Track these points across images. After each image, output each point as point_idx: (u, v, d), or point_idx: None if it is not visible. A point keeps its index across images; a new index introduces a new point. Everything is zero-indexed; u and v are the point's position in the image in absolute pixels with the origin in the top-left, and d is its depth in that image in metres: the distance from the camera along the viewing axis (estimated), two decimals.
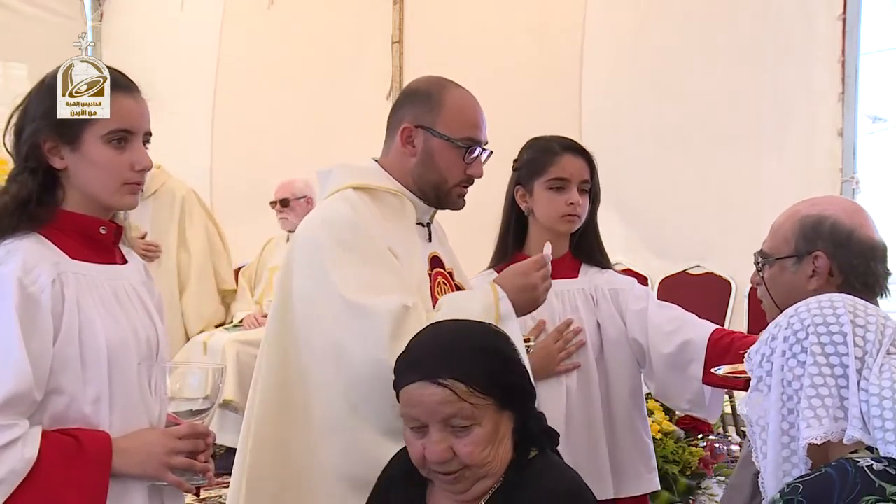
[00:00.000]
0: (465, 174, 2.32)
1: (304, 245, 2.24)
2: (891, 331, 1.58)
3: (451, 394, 1.68)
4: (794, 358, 1.58)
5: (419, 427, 1.71)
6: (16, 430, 1.70)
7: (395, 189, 2.31)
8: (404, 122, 2.31)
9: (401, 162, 2.33)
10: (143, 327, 1.92)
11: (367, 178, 2.32)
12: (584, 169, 2.64)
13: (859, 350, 1.55)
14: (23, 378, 1.71)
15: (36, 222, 1.83)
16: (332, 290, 2.13)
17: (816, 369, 1.55)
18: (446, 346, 1.75)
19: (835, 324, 1.57)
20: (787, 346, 1.59)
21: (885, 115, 5.14)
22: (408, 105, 2.34)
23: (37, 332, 1.74)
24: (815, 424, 1.52)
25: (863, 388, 1.52)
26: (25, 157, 1.84)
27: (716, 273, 5.14)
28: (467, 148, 2.29)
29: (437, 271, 2.37)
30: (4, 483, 1.69)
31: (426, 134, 2.29)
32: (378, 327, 2.07)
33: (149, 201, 5.82)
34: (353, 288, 2.12)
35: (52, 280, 1.77)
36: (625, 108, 5.45)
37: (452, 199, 2.35)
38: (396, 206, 2.30)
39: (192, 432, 1.87)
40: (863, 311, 1.59)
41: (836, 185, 4.78)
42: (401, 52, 6.30)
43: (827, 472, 1.49)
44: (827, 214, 2.09)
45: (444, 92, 2.32)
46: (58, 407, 1.78)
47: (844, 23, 4.74)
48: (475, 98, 2.36)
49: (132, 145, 1.87)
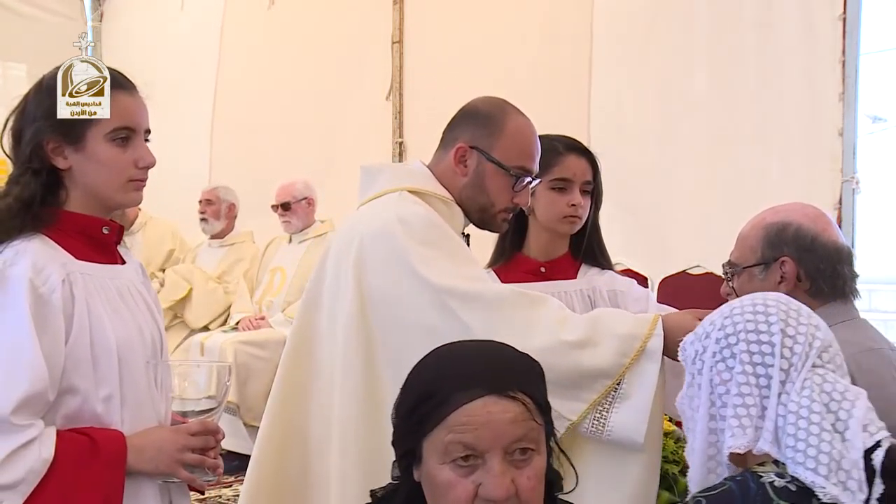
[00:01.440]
0: (512, 202, 2.31)
1: (380, 244, 2.17)
2: (819, 342, 1.58)
3: (524, 410, 1.42)
4: (723, 362, 1.59)
5: (469, 459, 1.41)
6: (32, 430, 1.72)
7: (446, 196, 2.30)
8: (459, 141, 2.30)
9: (451, 178, 2.32)
10: (147, 326, 1.94)
11: (420, 182, 2.31)
12: (587, 170, 2.63)
13: (785, 362, 1.55)
14: (38, 378, 1.72)
15: (40, 223, 1.84)
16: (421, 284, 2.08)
17: (744, 378, 1.56)
18: (507, 357, 1.51)
19: (765, 332, 1.57)
20: (718, 349, 1.60)
21: (886, 116, 5.14)
22: (465, 125, 2.33)
23: (49, 333, 1.75)
24: (739, 434, 1.53)
25: (782, 403, 1.53)
26: (28, 159, 1.85)
27: (716, 273, 5.12)
28: (518, 178, 2.28)
29: None
30: (24, 483, 1.70)
31: (480, 157, 2.28)
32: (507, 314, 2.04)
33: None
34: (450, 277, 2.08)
35: (61, 280, 1.79)
36: (631, 109, 5.44)
37: (497, 223, 2.35)
38: (446, 213, 2.29)
39: (204, 429, 1.89)
40: (795, 320, 1.59)
41: (836, 185, 4.77)
42: (401, 53, 6.29)
43: (730, 486, 1.51)
44: (790, 220, 2.13)
45: (506, 118, 2.31)
46: (70, 406, 1.79)
47: (845, 23, 4.73)
48: (534, 127, 2.35)
49: (135, 143, 1.89)
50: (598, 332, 2.06)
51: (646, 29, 5.41)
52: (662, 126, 5.35)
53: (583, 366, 2.04)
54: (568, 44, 5.66)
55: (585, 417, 2.05)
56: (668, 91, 5.33)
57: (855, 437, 1.50)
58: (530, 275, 2.64)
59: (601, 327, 2.07)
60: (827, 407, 1.51)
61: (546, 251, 2.67)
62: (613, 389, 2.05)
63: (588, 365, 2.04)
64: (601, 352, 2.05)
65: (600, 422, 2.05)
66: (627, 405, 2.05)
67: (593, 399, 2.04)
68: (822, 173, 4.81)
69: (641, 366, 2.04)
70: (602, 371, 2.04)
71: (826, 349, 1.58)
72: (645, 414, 2.05)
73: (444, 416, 1.41)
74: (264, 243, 6.29)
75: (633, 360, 2.04)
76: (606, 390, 2.04)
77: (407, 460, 1.47)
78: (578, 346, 2.04)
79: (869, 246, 5.94)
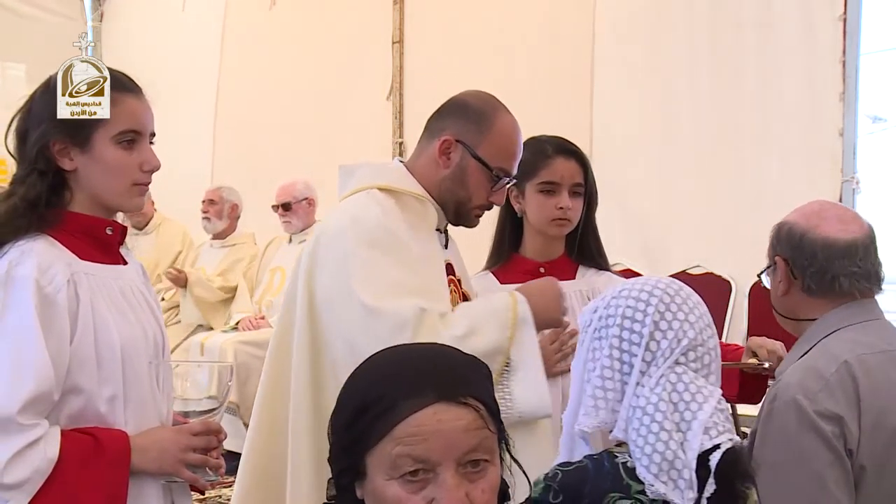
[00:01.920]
0: (488, 200, 2.32)
1: (332, 242, 2.22)
2: (687, 341, 1.60)
3: (477, 417, 1.30)
4: (598, 340, 1.64)
5: (419, 473, 1.27)
6: (38, 429, 1.72)
7: (420, 194, 2.31)
8: (446, 134, 2.30)
9: (431, 170, 2.32)
10: (149, 326, 1.95)
11: (392, 179, 2.32)
12: (577, 172, 2.61)
13: (649, 354, 1.59)
14: (45, 378, 1.73)
15: (45, 224, 1.84)
16: (352, 292, 2.12)
17: (609, 361, 1.61)
18: (454, 360, 1.38)
19: (639, 321, 1.60)
20: (597, 327, 1.65)
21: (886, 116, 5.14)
22: (454, 117, 2.32)
23: (54, 333, 1.76)
24: (592, 413, 1.59)
25: (636, 394, 1.57)
26: (34, 159, 1.85)
27: (716, 273, 5.14)
28: (498, 178, 2.29)
29: (450, 278, 2.37)
30: (29, 483, 1.71)
31: (465, 152, 2.28)
32: (392, 330, 2.06)
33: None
34: (373, 290, 2.11)
35: (66, 280, 1.79)
36: (632, 109, 5.44)
37: (470, 218, 2.35)
38: (419, 211, 2.30)
39: (206, 429, 1.89)
40: (672, 314, 1.61)
41: (836, 186, 4.78)
42: (401, 53, 6.30)
43: (586, 464, 1.57)
44: (786, 220, 2.15)
45: (496, 116, 2.31)
46: (74, 406, 1.80)
47: (845, 23, 4.73)
48: (519, 127, 2.35)
49: (140, 146, 1.90)
50: (476, 319, 2.13)
51: (647, 29, 5.41)
52: (663, 126, 5.35)
53: (478, 352, 2.07)
54: (569, 44, 5.66)
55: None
56: (669, 91, 5.33)
57: (694, 438, 1.55)
58: (529, 275, 2.63)
59: (475, 313, 2.15)
60: (675, 406, 1.56)
61: (543, 252, 2.67)
62: (506, 364, 2.11)
63: (483, 348, 2.08)
64: (487, 334, 2.12)
65: (506, 401, 2.09)
66: (521, 376, 2.12)
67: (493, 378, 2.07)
68: (822, 173, 4.81)
69: (520, 335, 2.13)
70: (495, 349, 2.11)
71: (694, 348, 1.61)
72: (542, 379, 2.12)
73: (390, 427, 1.27)
74: (264, 243, 6.30)
75: (512, 331, 2.12)
76: (501, 366, 2.10)
77: (347, 477, 1.33)
78: (468, 336, 2.09)
79: None
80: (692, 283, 5.18)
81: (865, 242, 2.06)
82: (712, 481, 1.53)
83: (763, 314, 5.20)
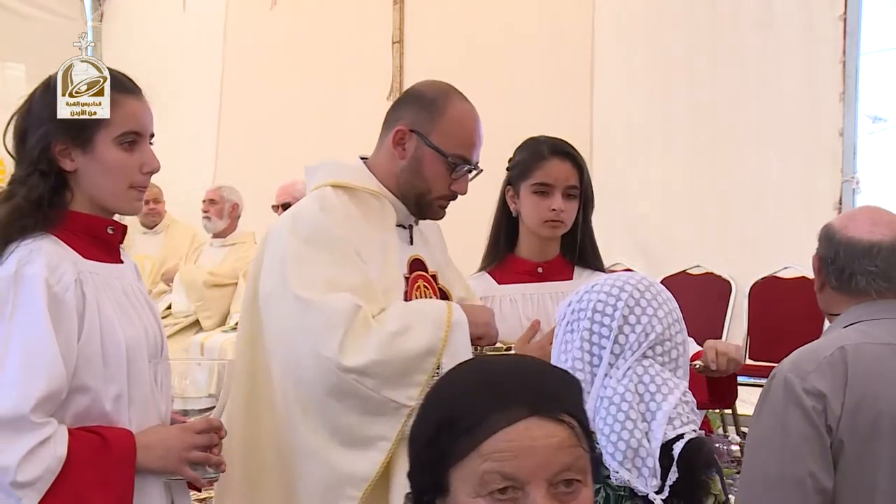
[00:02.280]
0: (450, 189, 2.28)
1: (273, 241, 2.24)
2: (654, 335, 1.65)
3: (571, 435, 1.21)
4: (570, 333, 1.69)
5: (508, 491, 1.19)
6: (48, 428, 1.73)
7: (376, 190, 2.29)
8: (400, 123, 2.28)
9: (389, 162, 2.30)
10: (150, 325, 1.95)
11: (348, 176, 2.31)
12: (571, 174, 2.58)
13: (618, 347, 1.65)
14: (56, 377, 1.73)
15: (48, 223, 1.85)
16: (286, 287, 2.14)
17: (580, 353, 1.66)
18: (547, 373, 1.30)
19: (609, 315, 1.66)
20: (569, 320, 1.70)
21: (886, 116, 5.15)
22: (408, 107, 2.31)
23: (63, 331, 1.76)
24: None
25: (604, 385, 1.63)
26: (36, 160, 1.85)
27: (716, 273, 5.14)
28: (456, 165, 2.25)
29: (418, 275, 2.34)
30: (41, 481, 1.71)
31: (419, 141, 2.26)
32: (324, 324, 2.08)
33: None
34: (305, 285, 2.12)
35: (74, 280, 1.79)
36: (632, 110, 5.45)
37: (433, 209, 2.32)
38: (376, 207, 2.28)
39: (209, 427, 1.90)
40: (641, 308, 1.66)
41: (837, 185, 4.78)
42: (401, 53, 6.30)
43: None
44: (830, 220, 2.23)
45: (448, 102, 2.27)
46: (80, 405, 1.80)
47: (845, 23, 4.74)
48: (477, 114, 2.31)
49: (141, 147, 1.90)
50: (410, 317, 2.12)
51: (647, 29, 5.42)
52: (663, 126, 5.35)
53: (410, 351, 2.10)
54: (570, 44, 5.67)
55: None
56: (669, 91, 5.33)
57: (658, 427, 1.60)
58: (527, 275, 2.64)
59: (408, 313, 2.13)
60: (641, 397, 1.62)
61: (538, 252, 2.65)
62: (437, 367, 2.11)
63: (414, 348, 2.09)
64: (420, 331, 2.11)
65: None
66: None
67: (425, 380, 2.09)
68: (822, 173, 4.82)
69: (454, 338, 2.12)
70: (427, 349, 2.11)
71: (661, 342, 1.66)
72: None
73: (479, 442, 1.19)
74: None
75: (447, 332, 2.12)
76: (433, 367, 2.10)
77: (429, 494, 1.27)
78: (401, 333, 2.10)
79: None
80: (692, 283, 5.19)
81: (891, 246, 2.11)
82: (675, 469, 1.58)
83: (763, 314, 5.22)
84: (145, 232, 6.67)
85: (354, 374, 2.07)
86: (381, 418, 2.09)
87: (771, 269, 4.96)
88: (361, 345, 2.07)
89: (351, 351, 2.07)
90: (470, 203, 2.77)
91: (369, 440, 2.10)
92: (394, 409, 2.08)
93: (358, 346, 2.07)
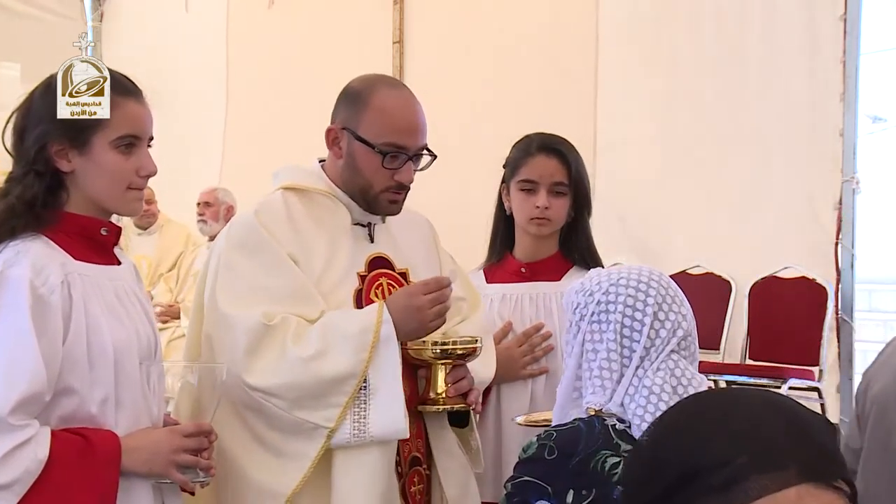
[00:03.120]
0: (393, 180, 2.21)
1: (214, 248, 2.26)
2: (681, 332, 1.74)
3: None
4: (598, 324, 1.75)
5: None
6: (28, 430, 1.72)
7: (327, 190, 2.27)
8: (332, 123, 2.27)
9: (333, 164, 2.29)
10: (143, 327, 1.94)
11: (300, 178, 2.30)
12: (558, 170, 2.55)
13: (649, 342, 1.72)
14: (37, 379, 1.72)
15: (41, 223, 1.84)
16: (213, 296, 2.14)
17: (614, 346, 1.73)
18: (817, 427, 1.03)
19: (640, 310, 1.73)
20: (596, 311, 1.76)
21: (886, 116, 5.15)
22: (340, 105, 2.28)
23: (47, 333, 1.75)
24: (599, 393, 1.72)
25: (637, 376, 1.71)
26: (32, 160, 1.85)
27: (716, 273, 5.14)
28: (387, 154, 2.19)
29: (380, 272, 2.29)
30: (19, 483, 1.70)
31: (350, 137, 2.22)
32: (235, 341, 2.08)
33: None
34: (227, 297, 2.12)
35: (60, 281, 1.78)
36: (635, 110, 5.43)
37: (382, 204, 2.25)
38: (329, 207, 2.26)
39: (198, 430, 1.89)
40: (668, 305, 1.75)
41: (837, 185, 4.78)
42: (401, 53, 6.30)
43: (578, 424, 1.69)
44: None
45: (372, 93, 2.23)
46: (66, 408, 1.79)
47: (845, 23, 4.73)
48: (409, 101, 2.26)
49: (139, 150, 1.89)
50: (328, 341, 2.07)
51: (650, 29, 5.41)
52: (665, 126, 5.35)
53: (324, 375, 2.07)
54: (573, 44, 5.66)
55: (344, 422, 2.06)
56: (673, 91, 5.33)
57: None
58: (513, 275, 2.63)
59: (330, 334, 2.08)
60: (674, 389, 1.70)
61: (530, 252, 2.63)
62: (363, 387, 2.07)
63: (329, 372, 2.06)
64: (337, 357, 2.07)
65: (361, 423, 2.07)
66: (380, 399, 2.08)
67: (345, 402, 2.06)
68: (822, 173, 4.81)
69: (381, 356, 2.08)
70: (346, 373, 2.07)
71: (686, 338, 1.75)
72: (399, 402, 2.08)
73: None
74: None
75: (371, 354, 2.07)
76: (355, 390, 2.06)
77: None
78: (315, 358, 2.06)
79: (869, 246, 5.94)
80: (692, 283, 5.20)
81: None
82: None
83: (763, 314, 5.22)
84: (140, 233, 6.71)
85: (260, 392, 2.06)
86: (297, 437, 2.09)
87: (771, 269, 4.95)
88: (269, 366, 2.06)
89: (257, 370, 2.06)
90: (470, 203, 2.77)
91: (289, 455, 2.09)
92: (310, 428, 2.07)
93: (264, 367, 2.06)
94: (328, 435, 2.06)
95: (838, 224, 4.74)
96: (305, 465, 2.07)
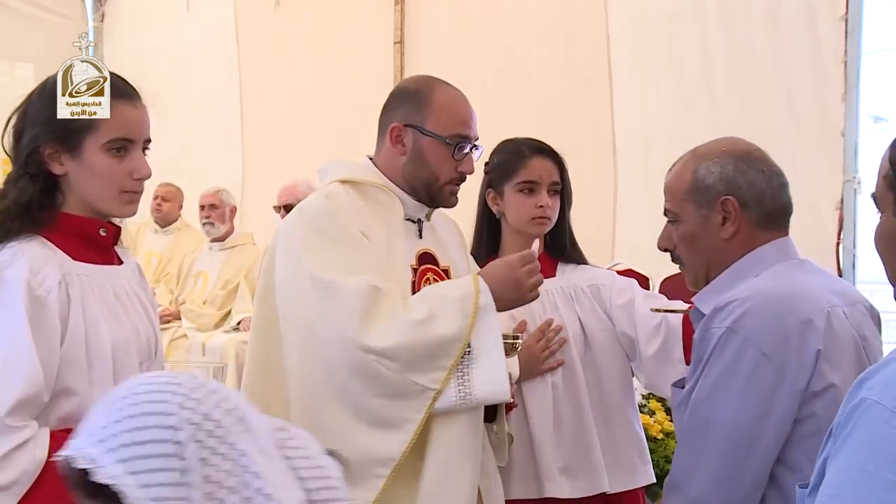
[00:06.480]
0: (457, 171, 2.34)
1: (283, 235, 2.28)
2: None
3: None
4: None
5: None
6: (26, 431, 1.72)
7: (382, 184, 2.34)
8: (393, 122, 2.34)
9: (392, 161, 2.35)
10: (143, 327, 1.94)
11: (354, 172, 2.36)
12: (554, 171, 2.66)
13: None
14: (34, 381, 1.72)
15: (38, 225, 1.84)
16: (303, 272, 2.16)
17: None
18: None
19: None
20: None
21: (887, 116, 5.14)
22: (396, 105, 2.37)
23: (45, 335, 1.75)
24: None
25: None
26: (25, 163, 1.85)
27: None
28: (456, 145, 2.31)
29: (427, 267, 2.38)
30: (17, 484, 1.71)
31: (415, 133, 2.32)
32: (346, 305, 2.10)
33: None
34: (323, 268, 2.15)
35: (58, 282, 1.78)
36: (653, 112, 5.41)
37: (444, 196, 2.36)
38: (383, 201, 2.33)
39: None
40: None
41: (838, 186, 4.76)
42: (402, 53, 6.29)
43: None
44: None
45: (433, 90, 2.34)
46: (64, 408, 1.79)
47: (846, 23, 4.72)
48: (464, 95, 2.38)
49: (132, 154, 1.88)
50: (436, 305, 2.15)
51: (655, 29, 5.40)
52: (681, 127, 5.33)
53: (436, 336, 2.12)
54: (571, 43, 5.65)
55: (449, 384, 2.12)
56: (674, 91, 5.32)
57: None
58: None
59: (434, 301, 2.16)
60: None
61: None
62: (466, 352, 2.13)
63: (441, 333, 2.12)
64: (447, 319, 2.13)
65: (465, 387, 2.13)
66: (483, 363, 2.14)
67: (451, 364, 2.11)
68: (823, 173, 4.80)
69: (482, 323, 2.14)
70: (454, 336, 2.12)
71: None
72: (501, 367, 2.14)
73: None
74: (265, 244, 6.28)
75: (474, 318, 2.13)
76: (460, 353, 2.12)
77: None
78: (426, 321, 2.12)
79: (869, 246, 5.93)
80: None
81: None
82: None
83: None
84: (157, 231, 6.72)
85: (376, 354, 2.08)
86: (404, 401, 2.12)
87: None
88: (386, 327, 2.10)
89: (374, 332, 2.09)
90: (474, 204, 2.78)
91: (394, 421, 2.12)
92: (418, 391, 2.11)
93: (382, 328, 2.09)
94: (434, 397, 2.11)
95: (840, 224, 4.73)
96: (412, 429, 2.11)
